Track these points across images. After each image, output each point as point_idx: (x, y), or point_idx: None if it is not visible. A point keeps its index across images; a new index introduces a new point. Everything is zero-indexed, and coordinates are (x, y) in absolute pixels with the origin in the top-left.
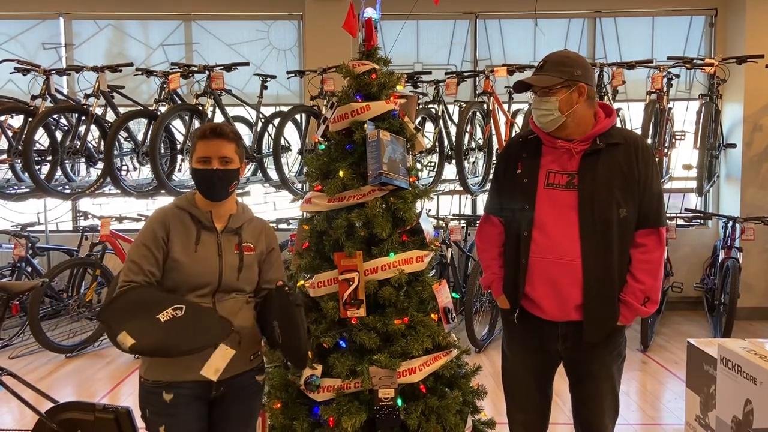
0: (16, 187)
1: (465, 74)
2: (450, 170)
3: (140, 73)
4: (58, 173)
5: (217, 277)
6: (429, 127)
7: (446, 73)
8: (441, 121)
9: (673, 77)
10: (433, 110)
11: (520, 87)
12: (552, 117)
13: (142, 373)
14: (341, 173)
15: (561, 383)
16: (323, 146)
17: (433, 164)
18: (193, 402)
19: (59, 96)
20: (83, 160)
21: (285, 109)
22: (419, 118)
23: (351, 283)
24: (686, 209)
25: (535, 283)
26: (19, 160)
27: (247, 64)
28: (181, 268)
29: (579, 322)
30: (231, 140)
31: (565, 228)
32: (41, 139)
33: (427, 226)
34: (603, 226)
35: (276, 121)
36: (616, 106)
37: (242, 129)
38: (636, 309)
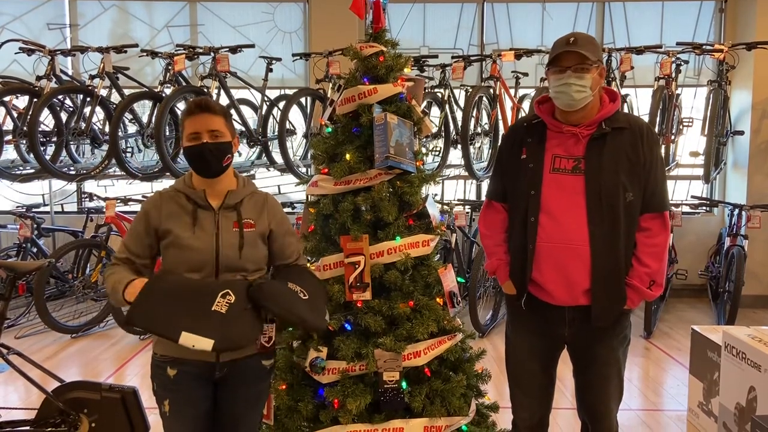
0: (21, 168)
1: (472, 58)
2: (455, 155)
3: (145, 54)
4: (63, 154)
5: (213, 256)
6: (435, 111)
7: (453, 57)
8: (447, 106)
9: (682, 63)
10: (439, 95)
11: (563, 58)
12: (585, 93)
13: (153, 346)
14: (348, 156)
15: (563, 368)
16: (330, 129)
17: (438, 149)
18: (196, 380)
19: (64, 77)
20: (88, 141)
21: (290, 92)
22: (425, 103)
23: (357, 266)
24: (692, 196)
25: (542, 268)
26: (24, 141)
27: (252, 46)
28: (178, 248)
29: (586, 307)
30: (218, 114)
31: (572, 212)
32: (46, 120)
33: (434, 210)
34: (610, 210)
35: (281, 104)
36: (623, 91)
37: (247, 112)
38: (642, 292)
